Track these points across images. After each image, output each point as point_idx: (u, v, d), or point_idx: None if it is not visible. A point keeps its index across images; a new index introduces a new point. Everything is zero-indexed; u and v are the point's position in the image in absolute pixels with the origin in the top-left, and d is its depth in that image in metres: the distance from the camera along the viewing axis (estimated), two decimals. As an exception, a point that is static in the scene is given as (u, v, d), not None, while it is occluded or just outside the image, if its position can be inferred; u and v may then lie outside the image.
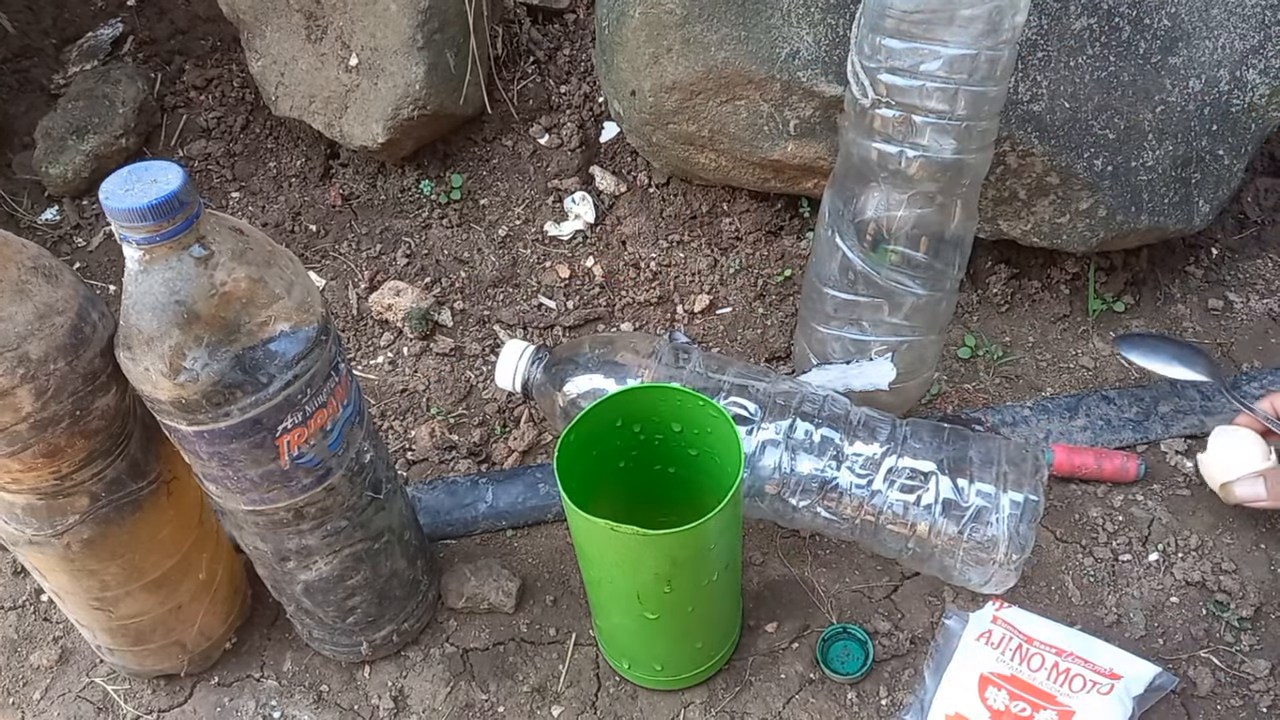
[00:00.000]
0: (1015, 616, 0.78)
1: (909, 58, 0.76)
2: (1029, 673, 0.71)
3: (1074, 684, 0.71)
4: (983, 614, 0.77)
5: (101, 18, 1.38)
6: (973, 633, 0.75)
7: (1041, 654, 0.74)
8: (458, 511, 0.94)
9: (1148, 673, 0.75)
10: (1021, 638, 0.75)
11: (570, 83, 1.26)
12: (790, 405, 0.84)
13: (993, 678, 0.71)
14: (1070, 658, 0.74)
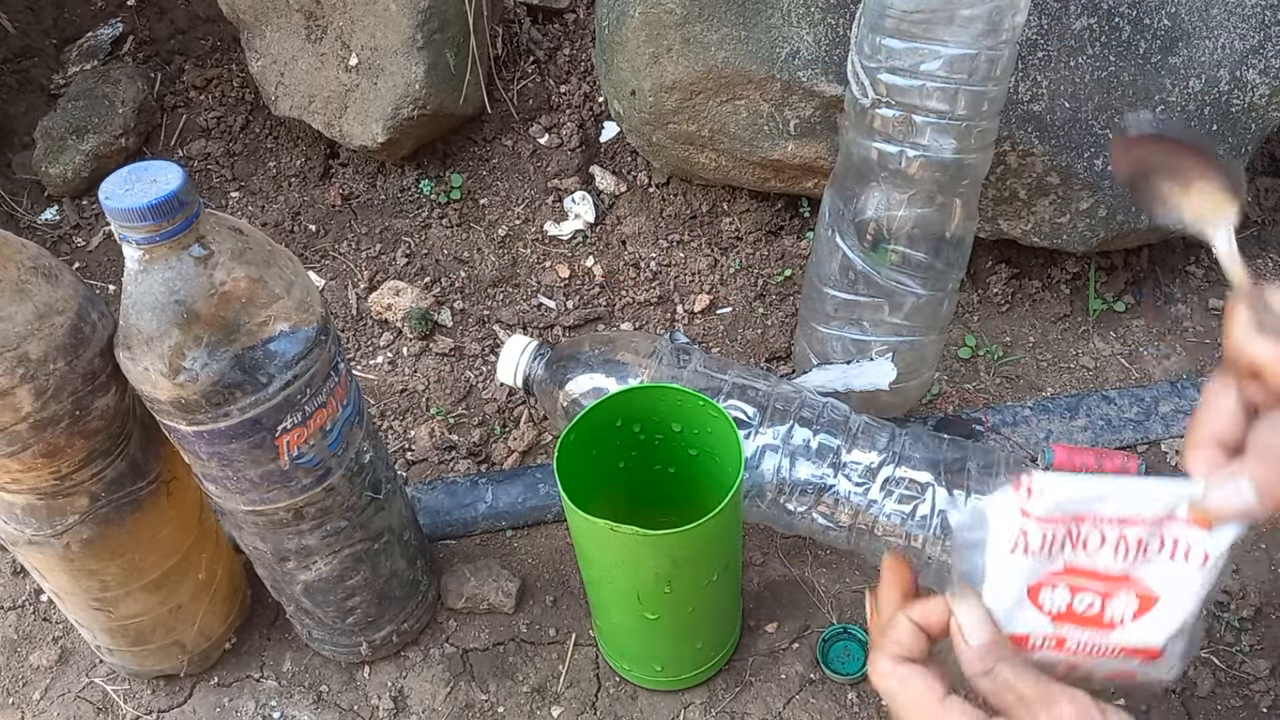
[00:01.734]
0: (1050, 500, 0.54)
1: (909, 57, 0.76)
2: (1087, 556, 0.52)
3: (1150, 552, 0.52)
4: (1005, 512, 0.54)
5: (101, 18, 1.38)
6: (1002, 545, 0.55)
7: (1100, 530, 0.53)
8: (457, 512, 0.94)
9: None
10: (1067, 524, 0.54)
11: (570, 82, 1.26)
12: (789, 410, 0.83)
13: (1045, 579, 0.53)
14: (1141, 524, 0.53)
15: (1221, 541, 0.47)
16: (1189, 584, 0.49)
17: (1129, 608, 0.49)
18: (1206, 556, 0.48)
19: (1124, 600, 0.50)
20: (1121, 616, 0.49)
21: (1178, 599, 0.49)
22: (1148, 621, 0.49)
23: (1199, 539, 0.48)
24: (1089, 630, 0.49)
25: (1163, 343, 1.06)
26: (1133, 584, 0.50)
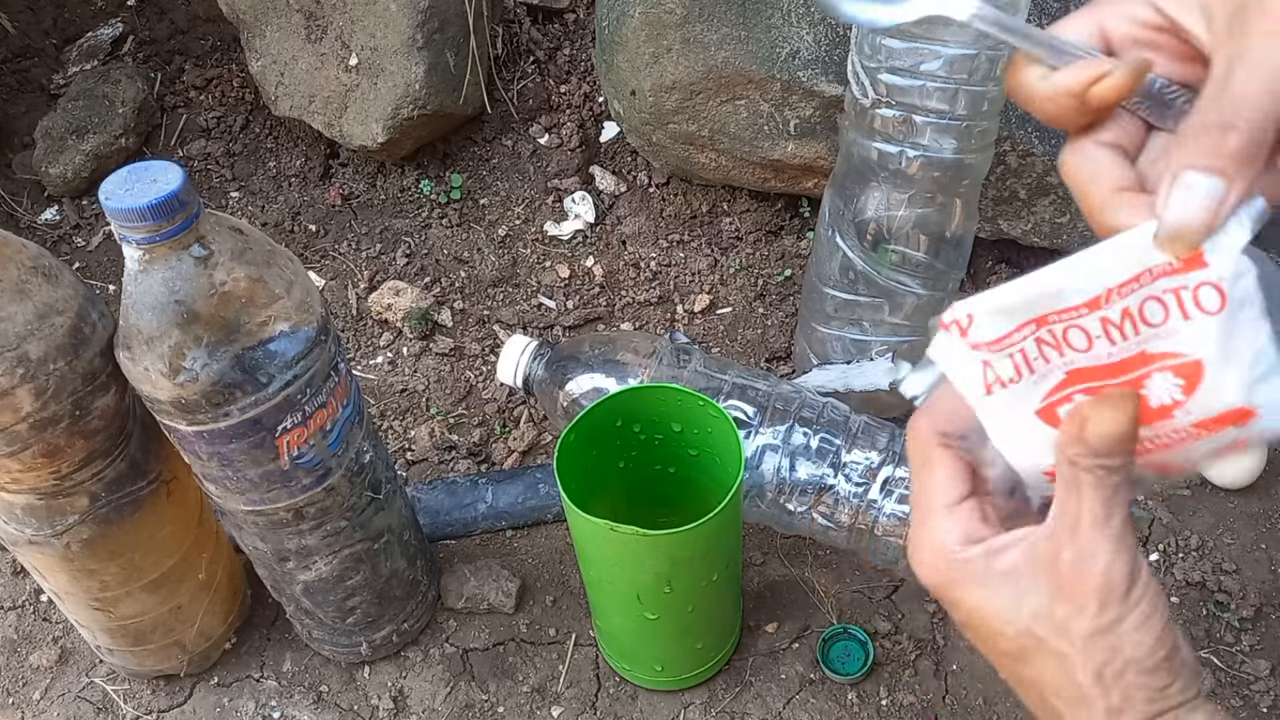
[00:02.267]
0: (991, 319, 0.42)
1: (909, 57, 0.76)
2: (1083, 355, 0.41)
3: (1153, 322, 0.40)
4: (953, 359, 0.43)
5: (101, 18, 1.38)
6: (975, 397, 0.43)
7: (1076, 324, 0.41)
8: (457, 512, 0.94)
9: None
10: (1031, 333, 0.42)
11: (570, 82, 1.26)
12: (789, 410, 0.83)
13: (1052, 400, 0.42)
14: (1115, 298, 0.40)
15: (1224, 264, 0.37)
16: (1223, 333, 0.38)
17: (1173, 385, 0.39)
18: (1222, 296, 0.38)
19: (1163, 381, 0.40)
20: (1172, 397, 0.39)
21: (1222, 353, 0.38)
22: (1209, 388, 0.39)
23: (1197, 280, 0.38)
24: (1149, 426, 0.40)
25: None
26: (1157, 360, 0.40)
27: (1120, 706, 0.39)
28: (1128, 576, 0.38)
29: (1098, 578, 0.38)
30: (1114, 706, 0.39)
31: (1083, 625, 0.39)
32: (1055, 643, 0.40)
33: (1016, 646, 0.41)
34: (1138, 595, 0.38)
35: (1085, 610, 0.39)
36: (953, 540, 0.41)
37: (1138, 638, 0.39)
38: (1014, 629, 0.40)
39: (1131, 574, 0.38)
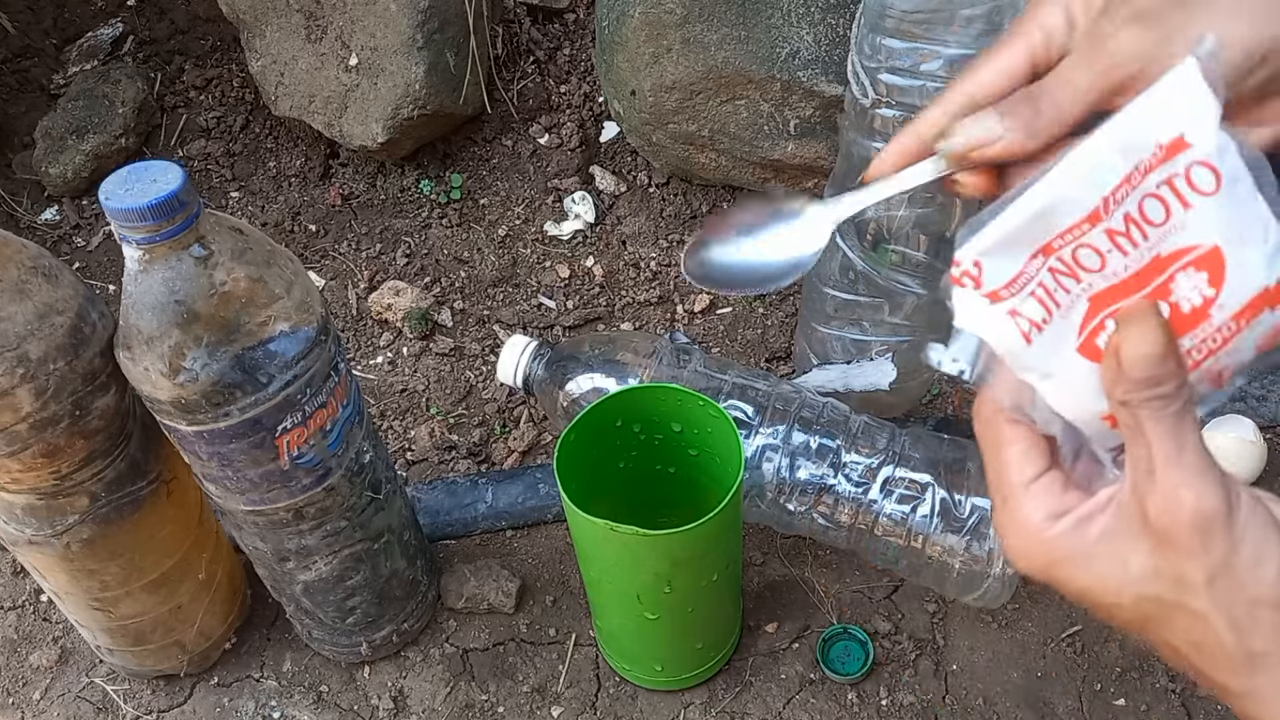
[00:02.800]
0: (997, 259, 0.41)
1: (909, 57, 0.76)
2: (1101, 275, 0.39)
3: (1157, 221, 0.38)
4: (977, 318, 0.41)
5: (101, 18, 1.38)
6: (1014, 351, 0.41)
7: (1084, 243, 0.39)
8: (457, 512, 0.94)
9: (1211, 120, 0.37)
10: (1043, 264, 0.40)
11: (570, 82, 1.26)
12: (789, 410, 0.83)
13: (1088, 329, 0.39)
14: (1111, 206, 0.38)
15: (1207, 139, 0.36)
16: (1228, 210, 0.37)
17: (1199, 281, 0.37)
18: (1215, 172, 0.37)
19: (1187, 281, 0.38)
20: (1201, 295, 0.38)
21: (1235, 232, 0.37)
22: (1235, 272, 0.37)
23: (1186, 163, 0.37)
24: (1189, 334, 0.38)
25: None
26: (1174, 261, 0.38)
27: (1266, 650, 0.36)
28: (1223, 505, 0.35)
29: (1190, 516, 0.35)
30: (1257, 651, 0.36)
31: (1194, 572, 0.36)
32: (1175, 598, 0.37)
33: (1138, 614, 0.38)
34: (1242, 525, 0.35)
35: (1192, 554, 0.36)
36: (1039, 518, 0.39)
37: (1259, 572, 0.35)
38: (1129, 597, 0.38)
39: (1228, 503, 0.35)
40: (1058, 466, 0.40)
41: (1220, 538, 0.35)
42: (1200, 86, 0.35)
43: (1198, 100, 0.36)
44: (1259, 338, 0.38)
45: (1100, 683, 0.81)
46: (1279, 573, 0.35)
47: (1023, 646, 0.83)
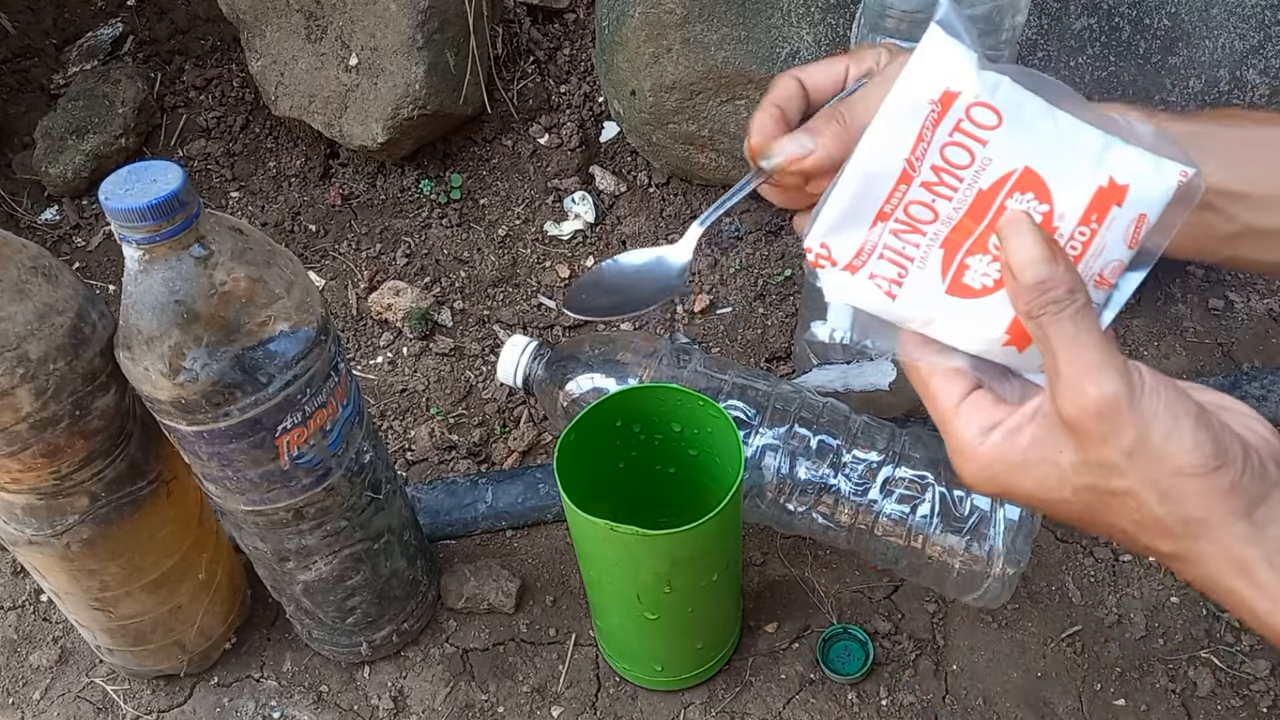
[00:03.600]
0: (843, 235, 0.44)
1: (909, 57, 0.76)
2: (939, 224, 0.42)
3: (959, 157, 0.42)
4: (844, 293, 0.45)
5: (101, 18, 1.38)
6: (885, 309, 0.44)
7: (908, 201, 0.42)
8: (457, 512, 0.94)
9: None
10: (885, 226, 0.43)
11: (570, 82, 1.26)
12: (789, 410, 0.83)
13: (949, 279, 0.43)
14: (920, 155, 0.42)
15: (969, 83, 0.39)
16: (1022, 134, 0.40)
17: (1029, 202, 0.41)
18: (991, 108, 0.40)
19: (1017, 202, 0.41)
20: (1038, 212, 0.41)
21: (1039, 149, 0.40)
22: (1060, 183, 0.41)
23: (961, 110, 0.40)
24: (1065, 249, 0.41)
25: (1162, 343, 1.06)
26: (998, 191, 0.41)
27: (1202, 515, 0.38)
28: (1125, 390, 0.38)
29: (1095, 405, 0.38)
30: (1193, 518, 0.38)
31: (1112, 455, 0.38)
32: (1105, 483, 0.39)
33: (1082, 506, 0.41)
34: (1148, 405, 0.38)
35: (1106, 440, 0.38)
36: (973, 434, 0.43)
37: (1173, 445, 0.38)
38: (1068, 492, 0.40)
39: (1129, 386, 0.38)
40: (983, 387, 0.43)
41: (1128, 420, 0.38)
42: (947, 43, 0.39)
43: (950, 55, 0.39)
44: (1125, 235, 0.41)
45: (1100, 683, 0.81)
46: (1194, 443, 0.38)
47: (1023, 646, 0.84)
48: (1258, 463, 0.39)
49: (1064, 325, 0.39)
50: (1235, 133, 0.48)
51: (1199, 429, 0.38)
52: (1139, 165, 0.41)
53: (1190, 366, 1.03)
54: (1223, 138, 0.47)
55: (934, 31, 0.40)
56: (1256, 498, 0.38)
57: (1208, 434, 0.38)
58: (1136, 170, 0.41)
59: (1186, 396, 0.39)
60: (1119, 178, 0.41)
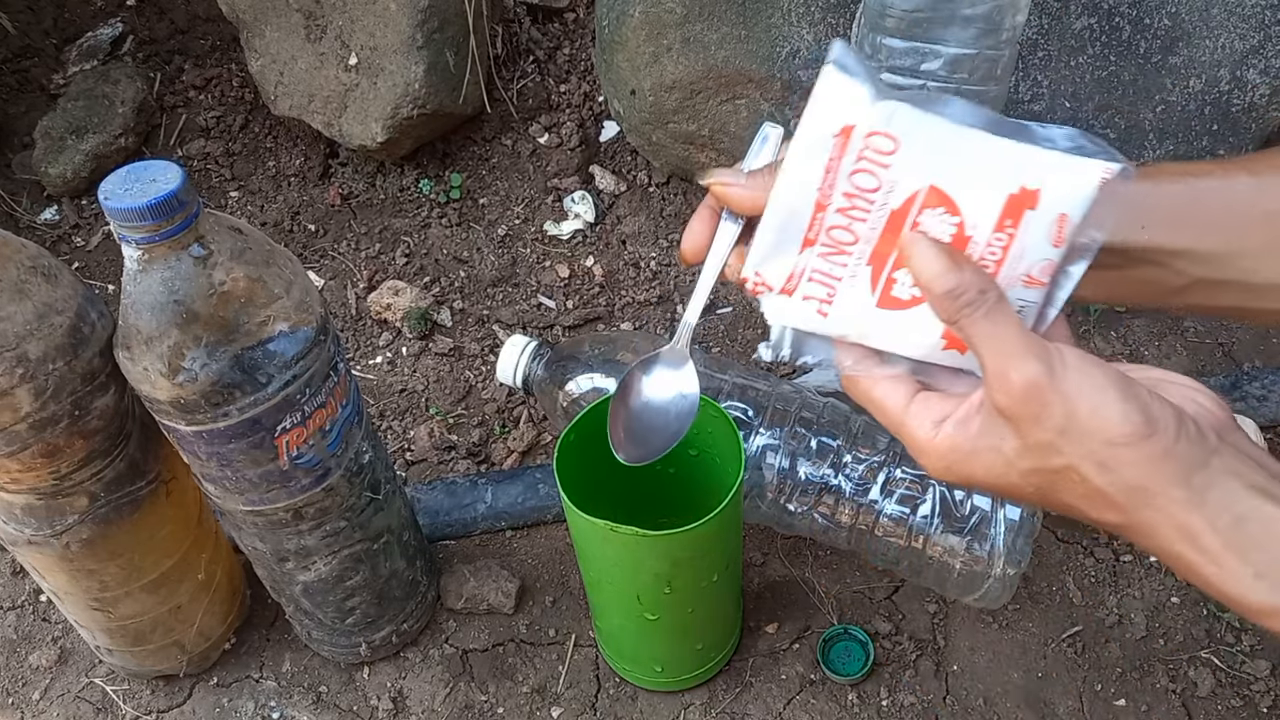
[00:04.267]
0: (772, 267, 0.48)
1: (909, 57, 0.76)
2: (861, 244, 0.45)
3: (867, 182, 0.44)
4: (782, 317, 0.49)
5: (101, 18, 1.38)
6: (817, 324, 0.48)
7: (829, 228, 0.46)
8: (457, 512, 0.93)
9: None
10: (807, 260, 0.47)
11: (570, 82, 1.26)
12: (789, 410, 0.83)
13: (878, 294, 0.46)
14: (831, 186, 0.45)
15: (863, 115, 0.42)
16: (922, 153, 0.43)
17: (940, 217, 0.44)
18: (887, 136, 0.43)
19: (930, 218, 0.44)
20: (950, 224, 0.44)
21: (941, 166, 0.43)
22: (966, 196, 0.43)
23: (861, 139, 0.43)
24: (984, 256, 0.44)
25: (1163, 342, 1.06)
26: (910, 210, 0.44)
27: (1142, 483, 0.40)
28: (1045, 371, 0.40)
29: (1020, 390, 0.40)
30: (1134, 486, 0.40)
31: (1045, 435, 0.41)
32: (1047, 464, 0.41)
33: (1033, 488, 0.42)
34: (1072, 382, 0.40)
35: (1038, 421, 0.41)
36: (926, 430, 0.44)
37: (1102, 418, 0.40)
38: (1017, 476, 0.42)
39: (1049, 367, 0.40)
40: (928, 387, 0.46)
41: (1054, 399, 0.40)
42: (842, 80, 0.43)
43: (845, 91, 0.43)
44: (1047, 236, 0.44)
45: (1100, 683, 0.81)
46: (1121, 413, 0.39)
47: (1023, 647, 0.83)
48: (1194, 430, 0.40)
49: (981, 324, 0.41)
50: (1172, 189, 0.50)
51: (1126, 400, 0.40)
52: (1052, 169, 0.43)
53: (1191, 366, 1.03)
54: (1162, 197, 0.49)
55: (828, 71, 0.43)
56: (1195, 464, 0.39)
57: (1135, 404, 0.40)
58: (1049, 174, 0.43)
59: (1111, 371, 0.41)
60: (1029, 184, 0.43)
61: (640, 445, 0.52)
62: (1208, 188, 0.50)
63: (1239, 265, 0.49)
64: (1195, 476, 0.39)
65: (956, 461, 0.44)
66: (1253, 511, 0.39)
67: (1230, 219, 0.49)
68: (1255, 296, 0.50)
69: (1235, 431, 0.42)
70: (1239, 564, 0.39)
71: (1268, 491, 0.39)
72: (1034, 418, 0.40)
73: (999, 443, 0.42)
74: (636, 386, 0.52)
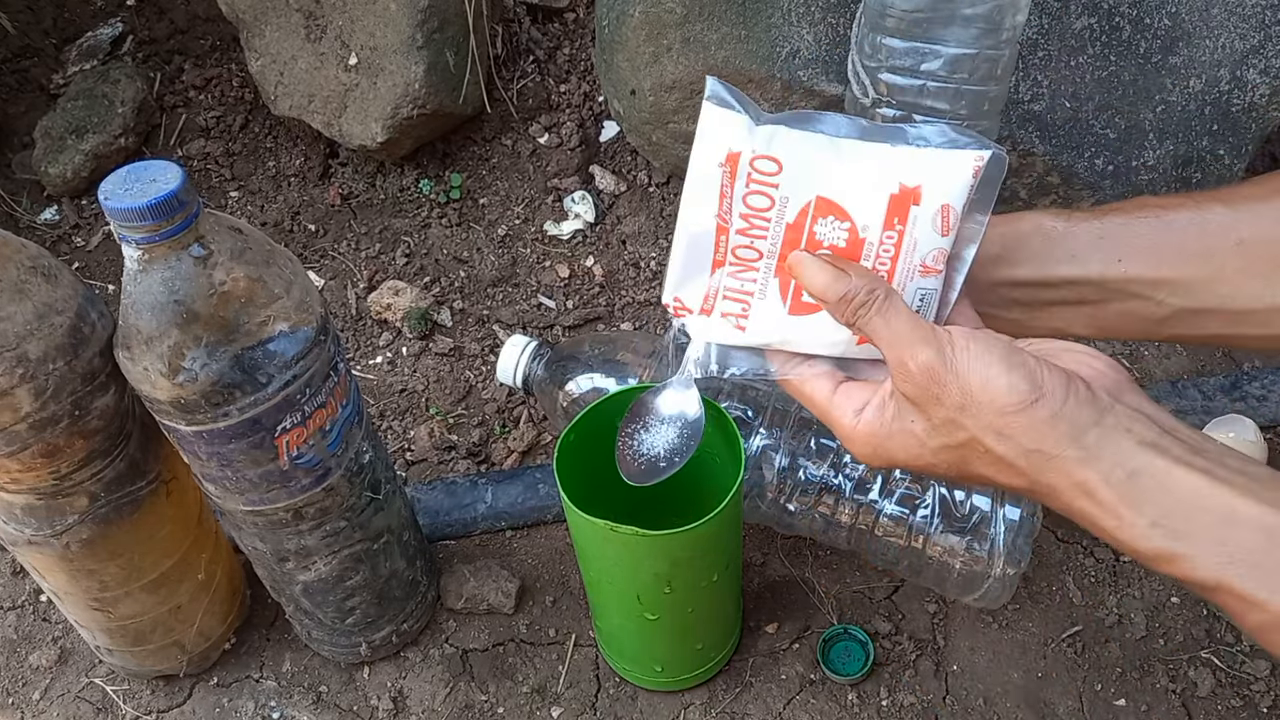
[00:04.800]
0: (688, 291, 0.52)
1: (910, 57, 0.76)
2: (766, 258, 0.49)
3: (760, 203, 0.48)
4: (706, 335, 0.53)
5: (101, 17, 1.38)
6: (738, 337, 0.52)
7: (736, 248, 0.49)
8: (457, 512, 0.93)
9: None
10: (719, 280, 0.51)
11: (570, 82, 1.26)
12: (789, 410, 0.83)
13: (789, 302, 0.49)
14: (727, 211, 0.49)
15: (747, 143, 0.46)
16: (801, 168, 0.46)
17: (832, 223, 0.48)
18: (768, 159, 0.47)
19: (823, 226, 0.48)
20: (842, 229, 0.47)
21: (823, 176, 0.46)
22: (852, 201, 0.47)
23: (745, 165, 0.47)
24: (865, 259, 0.48)
25: (1163, 343, 1.06)
26: (804, 219, 0.48)
27: (1038, 446, 0.43)
28: (936, 353, 0.44)
29: (917, 373, 0.44)
30: (1032, 450, 0.43)
31: (947, 412, 0.44)
32: (953, 439, 0.45)
33: (948, 464, 0.46)
34: (962, 360, 0.43)
35: (938, 400, 0.44)
36: (849, 418, 0.48)
37: (992, 390, 0.43)
38: (930, 454, 0.46)
39: (939, 349, 0.44)
40: (852, 378, 0.50)
41: (947, 378, 0.43)
42: (720, 113, 0.47)
43: (724, 122, 0.47)
44: (935, 226, 0.47)
45: (1100, 683, 0.81)
46: (1008, 383, 0.43)
47: (1023, 647, 0.83)
48: (1084, 391, 0.43)
49: (875, 321, 0.45)
50: (1146, 223, 0.53)
51: (1011, 370, 0.43)
52: (928, 165, 0.47)
53: (1191, 366, 1.03)
54: (1136, 231, 0.52)
55: (705, 107, 0.48)
56: (1086, 424, 0.42)
57: (1021, 372, 0.43)
58: (926, 170, 0.47)
59: (1000, 345, 0.44)
60: (909, 182, 0.46)
61: (647, 470, 0.56)
62: (1182, 219, 0.53)
63: (1218, 293, 0.52)
64: (1088, 435, 0.42)
65: (877, 445, 0.48)
66: (1145, 466, 0.42)
67: (1205, 248, 0.52)
68: (1236, 323, 0.52)
69: (1131, 391, 0.45)
70: (1134, 515, 0.42)
71: (1159, 445, 0.42)
72: (935, 399, 0.44)
73: (910, 425, 0.46)
74: (643, 412, 0.55)
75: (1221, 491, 0.41)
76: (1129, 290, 0.52)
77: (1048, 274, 0.54)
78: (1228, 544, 0.40)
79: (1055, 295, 0.54)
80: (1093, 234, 0.53)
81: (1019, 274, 0.54)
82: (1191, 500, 0.41)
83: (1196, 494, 0.41)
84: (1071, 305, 0.54)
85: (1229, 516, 0.40)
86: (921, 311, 0.49)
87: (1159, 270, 0.52)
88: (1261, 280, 0.51)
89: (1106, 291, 0.53)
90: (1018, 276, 0.54)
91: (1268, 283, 0.51)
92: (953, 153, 0.47)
